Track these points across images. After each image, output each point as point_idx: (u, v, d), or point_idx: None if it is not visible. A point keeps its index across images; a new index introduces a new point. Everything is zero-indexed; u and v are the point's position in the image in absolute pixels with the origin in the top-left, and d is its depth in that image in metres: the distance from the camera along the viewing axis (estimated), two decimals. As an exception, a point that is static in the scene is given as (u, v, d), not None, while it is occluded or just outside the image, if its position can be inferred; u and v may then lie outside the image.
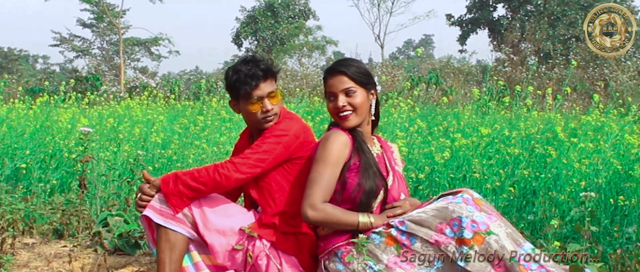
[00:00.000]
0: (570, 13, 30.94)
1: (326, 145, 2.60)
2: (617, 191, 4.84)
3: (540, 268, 2.37)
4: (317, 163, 2.59)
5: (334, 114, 2.67)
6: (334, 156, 2.58)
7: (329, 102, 2.68)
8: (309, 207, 2.53)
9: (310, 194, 2.55)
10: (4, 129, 6.45)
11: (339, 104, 2.63)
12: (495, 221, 2.44)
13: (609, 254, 4.02)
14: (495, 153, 5.30)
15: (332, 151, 2.58)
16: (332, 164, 2.57)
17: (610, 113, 6.91)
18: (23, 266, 3.42)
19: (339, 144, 2.59)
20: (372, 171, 2.61)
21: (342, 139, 2.61)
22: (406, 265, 2.50)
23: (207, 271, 2.69)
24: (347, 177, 2.59)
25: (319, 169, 2.57)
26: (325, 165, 2.57)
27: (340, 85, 2.65)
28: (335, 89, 2.65)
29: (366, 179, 2.59)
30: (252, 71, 2.69)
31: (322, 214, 2.53)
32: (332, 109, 2.67)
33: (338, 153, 2.58)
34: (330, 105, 2.67)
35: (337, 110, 2.65)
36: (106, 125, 7.10)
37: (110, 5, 33.59)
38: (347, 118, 2.65)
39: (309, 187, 2.56)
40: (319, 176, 2.56)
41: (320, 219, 2.55)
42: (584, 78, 19.88)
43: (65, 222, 3.93)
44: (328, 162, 2.57)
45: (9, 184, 5.34)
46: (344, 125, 2.66)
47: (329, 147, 2.59)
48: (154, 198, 2.62)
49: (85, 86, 17.66)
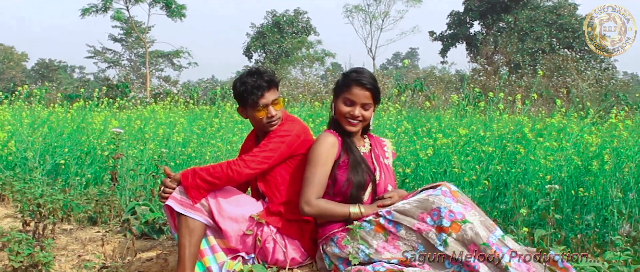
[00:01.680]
0: (537, 29, 30.98)
1: (316, 147, 2.60)
2: (577, 183, 4.85)
3: (510, 252, 2.36)
4: (309, 164, 2.59)
5: (344, 117, 2.63)
6: (323, 157, 2.57)
7: (344, 105, 2.62)
8: (305, 203, 2.55)
9: (305, 193, 2.56)
10: (45, 130, 6.45)
11: (356, 113, 2.60)
12: (470, 210, 2.44)
13: (571, 238, 4.03)
14: (471, 151, 5.29)
15: (321, 152, 2.58)
16: (321, 164, 2.57)
17: (572, 116, 6.89)
18: (62, 248, 3.42)
19: (327, 146, 2.59)
20: (360, 167, 2.61)
21: (330, 141, 2.60)
22: (393, 249, 2.49)
23: (221, 253, 2.69)
24: (337, 174, 2.59)
25: (311, 170, 2.58)
26: (316, 166, 2.57)
27: (362, 99, 2.61)
28: (357, 99, 2.61)
29: (355, 174, 2.59)
30: (257, 83, 2.69)
31: (317, 209, 2.55)
32: (345, 113, 2.62)
33: (326, 154, 2.58)
34: (345, 109, 2.62)
35: (351, 117, 2.62)
36: (134, 126, 7.10)
37: (138, 22, 33.61)
38: (355, 126, 2.64)
39: (304, 187, 2.57)
40: (312, 176, 2.56)
41: (315, 213, 2.56)
42: (548, 86, 19.89)
43: (99, 210, 3.93)
44: (318, 162, 2.57)
45: (49, 177, 5.35)
46: (348, 130, 2.64)
47: (318, 150, 2.59)
48: (176, 190, 2.62)
49: (116, 93, 17.66)
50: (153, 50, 36.83)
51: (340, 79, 2.69)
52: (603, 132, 6.47)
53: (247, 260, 2.69)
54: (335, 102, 2.68)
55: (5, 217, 4.00)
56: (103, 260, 3.17)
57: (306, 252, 2.74)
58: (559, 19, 31.38)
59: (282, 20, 38.42)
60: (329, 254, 2.61)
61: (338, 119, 2.67)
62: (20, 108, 8.11)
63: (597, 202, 4.63)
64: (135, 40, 38.19)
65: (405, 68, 30.78)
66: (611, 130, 6.26)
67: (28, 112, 7.79)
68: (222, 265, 2.67)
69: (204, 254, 2.67)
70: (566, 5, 32.41)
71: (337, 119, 2.68)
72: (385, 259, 2.48)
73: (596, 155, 5.19)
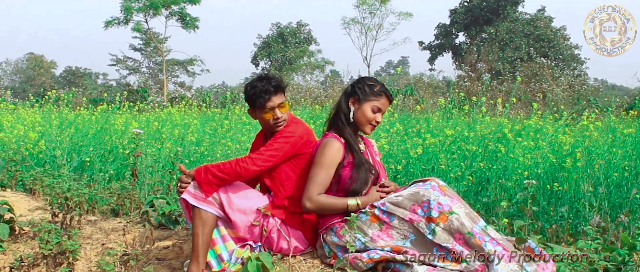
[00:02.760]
0: (516, 39, 30.97)
1: (323, 151, 2.59)
2: (552, 179, 4.85)
3: (492, 240, 2.36)
4: (315, 165, 2.59)
5: (369, 122, 2.65)
6: (328, 161, 2.57)
7: (372, 112, 2.63)
8: (307, 199, 2.55)
9: (308, 190, 2.56)
10: (72, 131, 6.44)
11: (379, 119, 2.65)
12: (456, 203, 2.44)
13: (547, 228, 4.02)
14: (457, 149, 5.29)
15: (328, 156, 2.58)
16: (326, 166, 2.57)
17: (547, 118, 6.89)
18: (87, 237, 3.42)
19: (333, 150, 2.59)
20: (364, 167, 2.61)
21: (336, 146, 2.60)
22: (387, 237, 2.49)
23: (231, 241, 2.69)
24: (342, 173, 2.59)
25: (315, 170, 2.58)
26: (321, 167, 2.57)
27: (385, 108, 2.68)
28: (384, 108, 2.66)
29: (360, 173, 2.59)
30: (265, 87, 2.69)
31: (317, 204, 2.55)
32: (371, 118, 2.64)
33: (332, 158, 2.58)
34: (372, 115, 2.64)
35: (375, 122, 2.65)
36: (152, 127, 7.09)
37: (156, 33, 33.55)
38: (374, 129, 2.69)
39: (308, 184, 2.57)
40: (316, 176, 2.56)
41: (315, 208, 2.57)
42: (526, 91, 19.87)
43: (120, 203, 3.93)
44: (323, 165, 2.57)
45: (76, 173, 5.34)
46: (367, 132, 2.68)
47: (325, 153, 2.58)
48: (190, 185, 2.62)
49: (136, 97, 17.62)
50: (169, 58, 36.79)
51: (366, 87, 2.66)
52: (575, 133, 6.46)
53: (254, 248, 2.70)
54: (360, 106, 2.64)
55: (36, 209, 4.00)
56: (124, 248, 3.17)
57: (308, 241, 2.74)
58: (535, 30, 31.37)
59: (285, 31, 38.39)
60: (328, 242, 2.61)
61: (359, 122, 2.65)
62: (49, 111, 8.11)
63: (570, 196, 4.63)
64: (154, 50, 38.13)
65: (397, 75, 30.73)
66: (583, 131, 6.26)
67: (56, 114, 7.79)
68: (232, 252, 2.67)
69: (216, 243, 2.67)
70: (542, 18, 32.41)
71: (356, 121, 2.65)
72: (380, 246, 2.48)
73: (569, 153, 5.19)
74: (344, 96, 2.70)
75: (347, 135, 2.64)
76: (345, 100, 2.68)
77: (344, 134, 2.65)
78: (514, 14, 32.57)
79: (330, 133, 2.67)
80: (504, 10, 32.37)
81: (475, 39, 33.04)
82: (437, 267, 2.37)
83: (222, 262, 2.66)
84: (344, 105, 2.68)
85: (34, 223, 3.32)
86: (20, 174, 4.91)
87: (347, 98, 2.68)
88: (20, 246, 3.40)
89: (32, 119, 7.27)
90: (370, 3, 33.53)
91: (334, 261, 2.57)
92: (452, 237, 2.38)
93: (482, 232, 2.38)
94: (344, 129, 2.65)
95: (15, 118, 7.56)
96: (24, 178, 4.84)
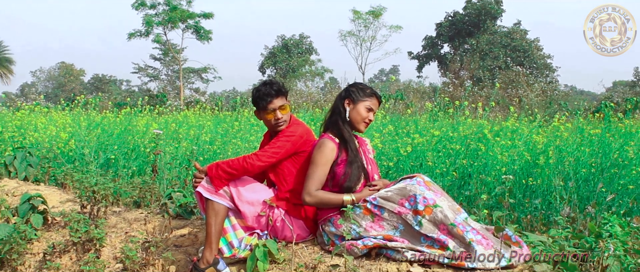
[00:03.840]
0: (495, 50, 30.96)
1: (319, 151, 2.59)
2: (527, 174, 4.83)
3: (472, 230, 2.36)
4: (312, 164, 2.59)
5: (363, 120, 2.65)
6: (324, 159, 2.57)
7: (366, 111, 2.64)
8: (307, 194, 2.55)
9: (307, 186, 2.56)
10: (99, 131, 6.43)
11: (372, 117, 2.67)
12: (440, 197, 2.44)
13: (522, 218, 4.02)
14: (442, 148, 5.28)
15: (323, 155, 2.58)
16: (322, 164, 2.57)
17: (523, 120, 6.88)
18: (112, 227, 3.42)
19: (328, 150, 2.58)
20: (356, 164, 2.60)
21: (330, 146, 2.59)
22: (378, 228, 2.50)
23: (240, 230, 2.70)
24: (336, 170, 2.59)
25: (312, 168, 2.58)
26: (318, 166, 2.57)
27: (376, 107, 2.68)
28: (375, 107, 2.67)
29: (353, 169, 2.58)
30: (267, 91, 2.70)
31: (316, 199, 2.55)
32: (365, 117, 2.65)
33: (326, 157, 2.58)
34: (366, 114, 2.65)
35: (368, 120, 2.65)
36: (170, 128, 7.09)
37: (173, 44, 33.55)
38: (367, 126, 2.68)
39: (306, 181, 2.57)
40: (313, 173, 2.57)
41: (314, 202, 2.57)
42: (504, 96, 19.86)
43: (142, 196, 3.93)
44: (319, 163, 2.57)
45: (102, 169, 5.34)
46: (362, 130, 2.67)
47: (320, 153, 2.58)
48: (204, 180, 2.62)
49: (156, 101, 17.62)
50: (185, 67, 36.76)
51: (359, 91, 2.66)
52: (548, 133, 6.44)
53: (261, 236, 2.70)
54: (355, 107, 2.64)
55: (67, 202, 4.00)
56: (145, 236, 3.17)
57: (309, 230, 2.74)
58: (512, 42, 31.36)
59: (289, 42, 38.37)
60: (327, 232, 2.61)
61: (354, 121, 2.64)
62: (78, 114, 8.10)
63: (543, 190, 4.62)
64: (171, 59, 38.12)
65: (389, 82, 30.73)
66: (554, 132, 6.25)
67: (85, 117, 7.78)
68: (242, 240, 2.68)
69: (227, 231, 2.68)
70: (518, 30, 32.39)
71: (351, 120, 2.65)
72: (372, 235, 2.48)
73: (542, 151, 5.18)
74: (339, 99, 2.70)
75: (346, 133, 2.64)
76: (341, 102, 2.68)
77: (343, 133, 2.64)
78: (493, 27, 32.57)
79: (326, 134, 2.67)
80: (484, 23, 32.38)
81: (458, 50, 33.05)
82: (424, 253, 2.37)
83: (232, 249, 2.66)
84: (340, 106, 2.68)
85: (64, 214, 3.32)
86: (52, 170, 4.91)
87: (342, 100, 2.68)
88: (53, 234, 3.40)
89: (63, 121, 7.27)
90: (365, 17, 33.54)
91: (332, 247, 2.57)
92: (437, 228, 2.38)
93: (464, 223, 2.38)
94: (343, 127, 2.65)
95: (48, 120, 7.55)
96: (56, 174, 4.84)
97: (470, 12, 32.65)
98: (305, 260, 2.58)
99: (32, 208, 3.39)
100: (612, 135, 5.29)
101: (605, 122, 5.74)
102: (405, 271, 2.37)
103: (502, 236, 2.36)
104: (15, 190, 4.19)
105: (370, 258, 2.49)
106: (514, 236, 2.40)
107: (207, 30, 30.80)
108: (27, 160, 4.81)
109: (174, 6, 28.92)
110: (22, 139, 6.45)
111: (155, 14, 29.44)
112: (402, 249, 2.40)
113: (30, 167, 4.81)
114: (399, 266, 2.40)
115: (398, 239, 2.43)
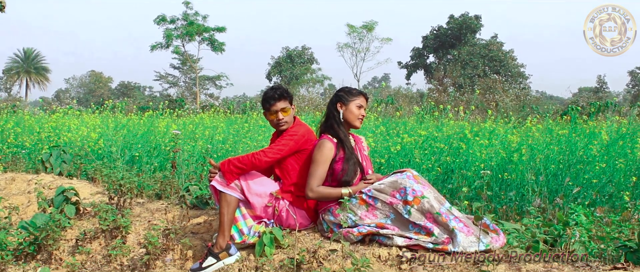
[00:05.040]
0: (474, 60, 30.94)
1: (319, 151, 2.59)
2: (503, 169, 4.83)
3: (455, 218, 2.36)
4: (313, 163, 2.58)
5: (357, 117, 2.64)
6: (324, 158, 2.57)
7: (357, 109, 2.64)
8: (309, 190, 2.56)
9: (309, 183, 2.56)
10: (124, 132, 6.43)
11: (364, 113, 2.65)
12: (427, 189, 2.44)
13: (498, 208, 4.01)
14: (428, 146, 5.28)
15: (322, 155, 2.57)
16: (321, 163, 2.56)
17: (499, 122, 6.87)
18: (137, 216, 3.42)
19: (326, 150, 2.58)
20: (352, 160, 2.60)
21: (329, 146, 2.59)
22: (372, 216, 2.49)
23: (250, 219, 2.69)
24: (335, 167, 2.59)
25: (314, 167, 2.57)
26: (318, 164, 2.56)
27: (365, 104, 2.67)
28: (364, 103, 2.66)
29: (349, 165, 2.58)
30: (271, 94, 2.73)
31: (318, 194, 2.55)
32: (358, 114, 2.64)
33: (326, 156, 2.57)
34: (358, 112, 2.64)
35: (361, 117, 2.64)
36: (188, 129, 7.08)
37: (191, 55, 33.51)
38: (361, 122, 2.67)
39: (309, 178, 2.57)
40: (314, 172, 2.56)
41: (316, 197, 2.57)
42: (483, 100, 19.85)
43: (163, 189, 3.92)
44: (320, 162, 2.57)
45: (128, 165, 5.33)
46: (358, 126, 2.66)
47: (320, 152, 2.58)
48: (217, 174, 2.62)
49: (175, 105, 17.56)
50: (201, 75, 36.72)
51: (346, 94, 2.66)
52: (521, 133, 6.44)
53: (268, 224, 2.69)
54: (347, 108, 2.64)
55: (97, 194, 4.00)
56: (166, 224, 3.17)
57: (310, 219, 2.74)
58: (490, 52, 31.34)
59: (293, 53, 38.33)
60: (326, 221, 2.61)
61: (349, 119, 2.64)
62: (107, 116, 8.10)
63: (517, 183, 4.62)
64: (189, 68, 38.09)
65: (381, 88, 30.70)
66: (527, 132, 6.24)
67: (112, 119, 7.77)
68: (251, 227, 2.67)
69: (238, 220, 2.67)
70: (495, 43, 32.36)
71: (346, 120, 2.64)
72: (367, 223, 2.48)
73: (516, 149, 5.17)
74: (331, 105, 2.69)
75: (341, 134, 2.64)
76: (334, 107, 2.68)
77: (339, 134, 2.64)
78: (473, 40, 32.57)
79: (325, 135, 2.66)
80: (465, 36, 32.39)
81: (442, 60, 33.04)
82: (412, 239, 2.37)
83: (243, 235, 2.66)
84: (333, 110, 2.67)
85: (94, 204, 3.32)
86: (84, 166, 4.91)
87: (334, 105, 2.68)
88: (84, 223, 3.40)
89: (93, 122, 7.26)
90: (359, 31, 33.53)
91: (331, 234, 2.57)
92: (424, 217, 2.38)
93: (448, 212, 2.38)
94: (338, 129, 2.65)
95: (80, 122, 7.54)
96: (86, 169, 4.84)
97: (452, 26, 32.67)
98: (307, 245, 2.57)
99: (66, 199, 3.39)
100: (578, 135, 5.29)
101: (571, 123, 5.73)
102: (396, 255, 2.37)
103: (481, 224, 2.36)
104: (51, 183, 4.18)
105: (365, 244, 2.49)
106: (491, 224, 2.40)
107: (220, 42, 30.77)
108: (61, 157, 4.81)
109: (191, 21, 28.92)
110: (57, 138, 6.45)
111: (174, 28, 29.44)
112: (392, 235, 2.40)
113: (64, 163, 4.81)
114: (389, 251, 2.40)
115: (389, 226, 2.43)
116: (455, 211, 2.42)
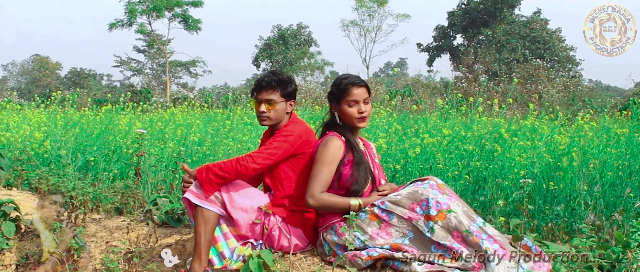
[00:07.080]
0: (512, 41, 30.98)
1: (324, 149, 2.59)
2: (548, 178, 4.84)
3: (489, 238, 2.36)
4: (317, 163, 2.58)
5: (355, 117, 2.62)
6: (330, 157, 2.56)
7: (349, 107, 2.61)
8: (310, 197, 2.54)
9: (311, 187, 2.55)
10: (77, 131, 6.44)
11: (362, 109, 2.60)
12: (454, 201, 2.44)
13: (542, 226, 4.01)
14: (454, 149, 5.28)
15: (329, 153, 2.57)
16: (328, 163, 2.56)
17: (543, 118, 6.88)
18: (92, 235, 3.42)
19: (334, 148, 2.58)
20: (362, 165, 2.61)
21: (337, 144, 2.59)
22: (386, 235, 2.49)
23: (233, 239, 2.69)
24: (342, 171, 2.58)
25: (318, 168, 2.56)
26: (323, 164, 2.56)
27: (362, 96, 2.61)
28: (358, 97, 2.60)
29: (358, 171, 2.58)
30: (262, 79, 2.74)
31: (320, 202, 2.54)
32: (353, 113, 2.61)
33: (333, 155, 2.57)
34: (353, 110, 2.61)
35: (360, 114, 2.61)
36: (155, 127, 7.09)
37: (159, 35, 33.57)
38: (365, 121, 2.64)
39: (310, 182, 2.56)
40: (318, 173, 2.55)
41: (318, 205, 2.56)
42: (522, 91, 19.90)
43: (124, 202, 3.93)
44: (325, 162, 2.56)
45: (81, 172, 5.34)
46: (361, 126, 2.64)
47: (326, 151, 2.58)
48: (193, 184, 2.61)
49: (139, 98, 17.59)
50: (172, 60, 36.80)
51: (334, 89, 2.66)
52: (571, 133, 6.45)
53: (255, 246, 2.69)
54: (339, 108, 2.65)
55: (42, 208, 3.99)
56: (128, 246, 3.17)
57: (308, 239, 2.73)
58: (531, 32, 31.39)
59: (286, 33, 38.41)
60: (328, 241, 2.61)
61: (348, 121, 2.64)
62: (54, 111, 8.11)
63: (566, 195, 4.62)
64: (157, 51, 38.16)
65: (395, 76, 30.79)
66: (578, 131, 6.25)
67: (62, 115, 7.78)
68: (234, 250, 2.67)
69: (218, 240, 2.67)
70: (538, 20, 32.41)
71: (345, 122, 2.65)
72: (379, 244, 2.48)
73: (565, 153, 5.18)
74: (329, 103, 2.73)
75: (348, 135, 2.65)
76: (330, 109, 2.72)
77: (345, 134, 2.65)
78: (510, 17, 32.58)
79: (331, 132, 2.67)
80: (500, 12, 32.37)
81: (472, 41, 33.05)
82: (435, 264, 2.36)
83: (224, 260, 2.65)
84: (330, 113, 2.71)
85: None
86: (26, 173, 4.91)
87: (330, 107, 2.72)
88: (26, 244, 3.39)
89: (37, 119, 7.27)
90: (369, 5, 33.54)
91: (333, 258, 2.57)
92: (451, 235, 2.37)
93: (480, 230, 2.38)
94: (343, 130, 2.66)
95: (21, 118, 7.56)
96: (29, 177, 4.84)
97: (485, 0, 32.66)
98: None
99: (4, 215, 3.39)
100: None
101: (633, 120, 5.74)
102: (414, 284, 2.37)
103: (520, 245, 2.35)
104: (-16, 195, 4.18)
105: (375, 270, 2.49)
106: (534, 246, 2.39)
107: (196, 20, 30.83)
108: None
109: (159, -8, 28.96)
110: (-8, 139, 6.45)
111: (138, 2, 29.45)
112: (410, 259, 2.40)
113: (1, 170, 4.81)
114: (407, 279, 2.40)
115: (407, 248, 2.43)
116: (490, 229, 2.41)
